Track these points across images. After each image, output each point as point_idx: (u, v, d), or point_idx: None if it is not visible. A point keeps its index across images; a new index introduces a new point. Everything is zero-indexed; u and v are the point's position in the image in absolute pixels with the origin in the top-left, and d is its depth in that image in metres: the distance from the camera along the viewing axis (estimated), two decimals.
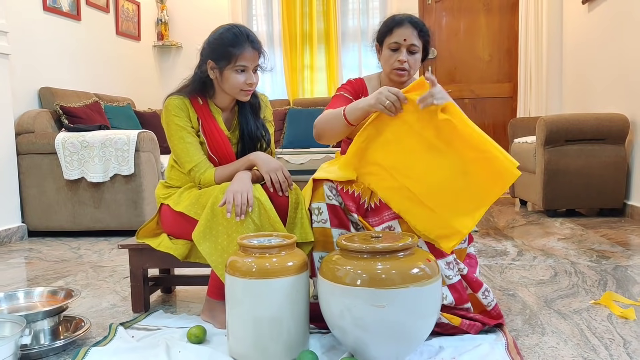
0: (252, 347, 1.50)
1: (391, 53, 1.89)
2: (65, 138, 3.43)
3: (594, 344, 1.57)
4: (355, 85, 2.01)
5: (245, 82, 1.79)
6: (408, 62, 1.88)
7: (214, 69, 1.82)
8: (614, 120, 3.70)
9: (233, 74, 1.79)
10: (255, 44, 1.81)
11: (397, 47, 1.88)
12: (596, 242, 2.99)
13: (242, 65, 1.78)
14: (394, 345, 1.41)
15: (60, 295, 1.80)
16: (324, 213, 1.70)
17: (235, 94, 1.82)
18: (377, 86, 1.98)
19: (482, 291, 1.69)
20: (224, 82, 1.81)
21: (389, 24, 1.91)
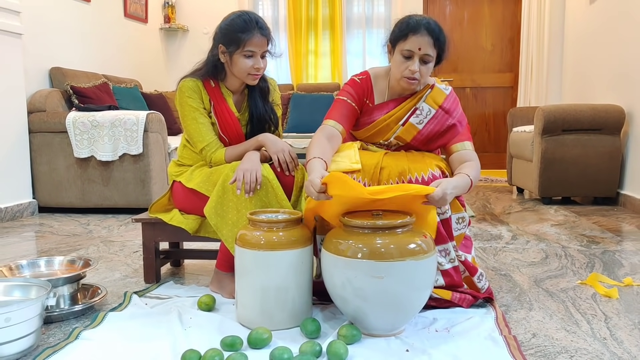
0: (259, 314, 1.61)
1: (403, 60, 1.81)
2: (76, 117, 3.53)
3: (577, 319, 1.69)
4: (359, 87, 1.92)
5: (253, 66, 1.89)
6: (420, 71, 1.79)
7: (224, 53, 1.91)
8: (610, 111, 3.79)
9: (242, 59, 1.88)
10: (264, 31, 1.90)
11: (410, 54, 1.79)
12: (588, 228, 3.10)
13: (250, 51, 1.87)
14: (391, 315, 1.53)
15: (78, 264, 1.91)
16: None
17: (243, 78, 1.92)
18: (384, 88, 1.93)
19: (477, 275, 1.80)
20: (234, 66, 1.91)
21: (403, 29, 1.79)
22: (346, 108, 1.91)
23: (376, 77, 1.95)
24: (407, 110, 1.89)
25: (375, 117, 1.92)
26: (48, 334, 1.59)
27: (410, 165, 1.78)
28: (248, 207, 1.79)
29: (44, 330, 1.60)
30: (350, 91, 1.93)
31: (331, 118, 1.89)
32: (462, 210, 1.80)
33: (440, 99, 1.87)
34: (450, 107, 1.88)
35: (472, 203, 4.04)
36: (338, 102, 1.93)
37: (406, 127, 1.87)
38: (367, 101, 1.94)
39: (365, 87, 1.93)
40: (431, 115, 1.86)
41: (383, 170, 1.78)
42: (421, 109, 1.87)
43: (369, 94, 1.94)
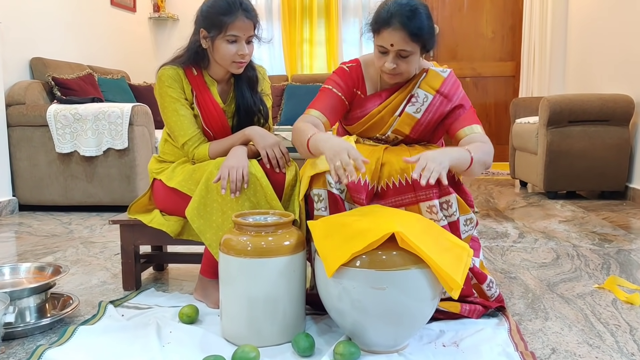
0: (245, 328, 1.44)
1: (380, 55, 1.63)
2: (58, 110, 3.34)
3: (599, 330, 1.52)
4: (348, 77, 1.74)
5: (237, 52, 1.71)
6: (398, 67, 1.61)
7: (206, 38, 1.73)
8: (619, 101, 3.62)
9: (224, 44, 1.70)
10: (249, 13, 1.72)
11: (384, 50, 1.60)
12: (598, 225, 2.94)
13: (233, 35, 1.69)
14: (393, 329, 1.36)
15: (47, 272, 1.74)
16: (324, 200, 1.59)
17: (226, 66, 1.74)
18: (376, 77, 1.75)
19: (486, 283, 1.63)
20: (216, 53, 1.73)
21: (377, 21, 1.59)
22: (332, 98, 1.73)
23: (367, 65, 1.76)
24: (402, 99, 1.71)
25: (369, 109, 1.74)
26: (8, 352, 1.41)
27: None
28: (234, 209, 1.62)
29: (3, 349, 1.42)
30: (338, 81, 1.75)
31: (315, 108, 1.72)
32: (469, 211, 1.63)
33: (437, 83, 1.69)
34: (449, 91, 1.69)
35: (475, 197, 3.87)
36: (323, 91, 1.75)
37: (403, 117, 1.69)
38: (358, 92, 1.76)
39: (355, 76, 1.75)
40: (429, 102, 1.68)
41: (384, 167, 1.61)
42: (417, 96, 1.69)
43: (360, 84, 1.76)
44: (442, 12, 5.54)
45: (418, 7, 1.58)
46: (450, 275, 1.28)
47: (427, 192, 1.55)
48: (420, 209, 1.56)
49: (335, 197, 1.58)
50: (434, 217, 1.55)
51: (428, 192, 1.55)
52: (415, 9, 1.57)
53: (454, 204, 1.58)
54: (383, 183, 1.61)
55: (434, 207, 1.55)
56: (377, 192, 1.62)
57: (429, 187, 1.54)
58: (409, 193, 1.57)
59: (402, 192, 1.58)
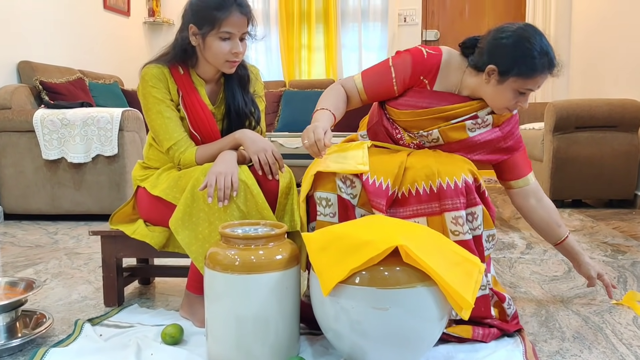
0: (234, 350, 1.31)
1: (516, 95, 1.49)
2: (45, 115, 3.20)
3: (622, 353, 1.39)
4: (420, 64, 1.55)
5: (231, 51, 1.58)
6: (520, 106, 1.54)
7: (196, 35, 1.60)
8: (627, 106, 3.50)
9: (217, 42, 1.57)
10: (244, 8, 1.59)
11: (524, 92, 1.50)
12: (609, 235, 2.80)
13: (227, 32, 1.56)
14: (397, 353, 1.22)
15: (19, 287, 1.60)
16: (333, 205, 1.45)
17: (218, 65, 1.61)
18: (453, 81, 1.56)
19: (507, 301, 1.51)
20: (207, 51, 1.60)
21: (532, 68, 1.46)
22: (384, 81, 1.58)
23: (448, 63, 1.57)
24: (465, 112, 1.55)
25: (432, 104, 1.56)
26: None
27: (440, 168, 1.45)
28: (222, 219, 1.48)
29: None
30: (407, 63, 1.56)
31: (364, 78, 1.62)
32: (492, 227, 1.49)
33: (503, 118, 1.59)
34: (509, 130, 1.60)
35: None
36: (384, 66, 1.59)
37: (458, 126, 1.54)
38: (425, 80, 1.56)
39: (429, 65, 1.55)
40: (486, 129, 1.57)
41: (407, 171, 1.47)
42: (483, 119, 1.56)
43: (432, 74, 1.56)
44: (443, 17, 5.42)
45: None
46: (460, 293, 1.15)
47: (454, 201, 1.41)
48: (445, 220, 1.42)
49: (346, 203, 1.45)
50: (459, 230, 1.41)
51: (455, 201, 1.41)
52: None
53: (479, 216, 1.44)
54: (405, 189, 1.46)
55: (460, 218, 1.41)
56: (396, 199, 1.47)
57: (454, 196, 1.41)
58: (434, 202, 1.44)
59: (426, 201, 1.44)
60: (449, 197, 1.41)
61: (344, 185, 1.46)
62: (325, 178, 1.47)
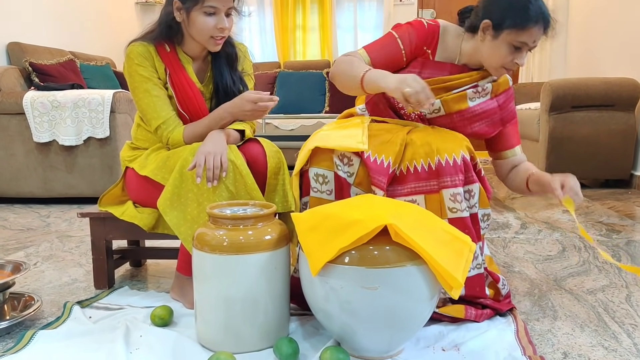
0: (222, 331, 1.29)
1: (511, 50, 1.48)
2: (35, 97, 3.16)
3: (614, 331, 1.38)
4: (424, 33, 1.57)
5: (216, 26, 1.54)
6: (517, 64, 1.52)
7: (180, 10, 1.56)
8: (624, 85, 3.46)
9: (201, 16, 1.53)
10: None
11: (522, 46, 1.48)
12: (604, 214, 2.79)
13: (211, 7, 1.52)
14: (387, 333, 1.21)
15: (7, 270, 1.58)
16: (330, 183, 1.43)
17: (203, 41, 1.57)
18: (453, 49, 1.58)
19: (501, 282, 1.50)
20: (191, 26, 1.56)
21: (524, 17, 1.44)
22: (392, 49, 1.56)
23: (445, 32, 1.59)
24: (466, 82, 1.55)
25: (433, 74, 1.56)
26: None
27: (439, 145, 1.43)
28: (211, 199, 1.46)
29: None
30: (410, 33, 1.56)
31: (367, 50, 1.56)
32: (488, 206, 1.47)
33: (502, 88, 1.59)
34: (504, 102, 1.59)
35: None
36: (388, 37, 1.58)
37: (459, 96, 1.53)
38: (428, 50, 1.58)
39: (431, 35, 1.58)
40: (485, 99, 1.56)
41: (407, 147, 1.45)
42: (483, 87, 1.55)
43: (433, 44, 1.58)
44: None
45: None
46: (450, 272, 1.13)
47: (453, 178, 1.39)
48: (443, 197, 1.40)
49: (342, 181, 1.43)
50: (457, 207, 1.39)
51: (454, 178, 1.39)
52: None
53: (476, 194, 1.43)
54: (404, 166, 1.44)
55: (459, 195, 1.39)
56: (395, 176, 1.45)
57: (453, 174, 1.40)
58: (432, 180, 1.41)
59: (425, 179, 1.42)
60: (448, 174, 1.39)
61: (341, 163, 1.43)
62: (322, 154, 1.44)
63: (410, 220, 1.18)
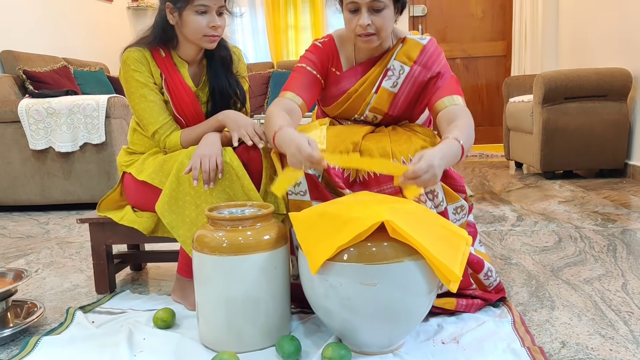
0: (224, 331, 1.31)
1: (350, 16, 1.48)
2: (29, 105, 3.16)
3: (611, 319, 1.40)
4: (322, 53, 1.60)
5: (208, 24, 1.55)
6: (373, 23, 1.45)
7: (172, 12, 1.58)
8: (616, 75, 3.49)
9: (193, 16, 1.54)
10: None
11: (355, 7, 1.45)
12: (599, 204, 2.81)
13: (202, 5, 1.53)
14: (387, 328, 1.23)
15: (8, 277, 1.59)
16: (302, 184, 1.44)
17: (197, 40, 1.58)
18: (351, 52, 1.60)
19: (484, 272, 1.49)
20: (184, 27, 1.57)
21: None
22: (306, 77, 1.58)
23: (342, 40, 1.62)
24: (379, 73, 1.57)
25: (345, 86, 1.60)
26: None
27: (394, 147, 1.46)
28: (209, 202, 1.47)
29: None
30: (311, 57, 1.60)
31: (289, 89, 1.57)
32: (458, 199, 1.48)
33: (415, 53, 1.55)
34: (427, 60, 1.55)
35: (469, 181, 3.74)
36: (297, 70, 1.61)
37: (380, 93, 1.56)
38: (333, 69, 1.62)
39: (330, 52, 1.61)
40: (405, 74, 1.54)
41: (364, 154, 1.46)
42: (393, 69, 1.55)
43: (335, 60, 1.62)
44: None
45: None
46: (448, 266, 1.15)
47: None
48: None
49: (313, 178, 1.44)
50: None
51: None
52: None
53: (439, 193, 1.44)
54: (364, 172, 1.47)
55: (422, 195, 1.41)
56: (359, 181, 1.48)
57: None
58: (391, 182, 1.44)
59: (385, 182, 1.44)
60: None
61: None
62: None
63: (407, 216, 1.20)
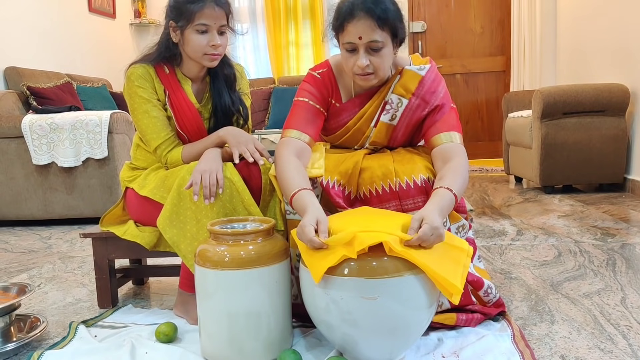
0: (226, 346, 1.32)
1: (348, 55, 1.44)
2: (33, 120, 3.20)
3: (610, 333, 1.41)
4: (322, 85, 1.56)
5: (208, 43, 1.58)
6: (371, 63, 1.42)
7: (175, 31, 1.61)
8: (614, 90, 3.52)
9: (194, 35, 1.58)
10: (220, 0, 1.59)
11: (353, 47, 1.42)
12: (598, 218, 2.83)
13: (203, 24, 1.57)
14: (388, 342, 1.24)
15: (12, 292, 1.60)
16: None
17: (198, 59, 1.61)
18: (349, 82, 1.57)
19: (483, 290, 1.50)
20: (186, 45, 1.60)
21: (339, 16, 1.42)
22: (308, 111, 1.54)
23: (339, 70, 1.57)
24: (377, 106, 1.53)
25: (344, 119, 1.57)
26: None
27: (397, 167, 1.45)
28: (209, 216, 1.49)
29: None
30: (311, 90, 1.56)
31: (293, 127, 1.52)
32: (460, 218, 1.49)
33: (413, 85, 1.51)
34: (426, 92, 1.51)
35: (469, 196, 3.76)
36: (298, 105, 1.56)
37: (379, 127, 1.53)
38: (332, 100, 1.58)
39: (328, 83, 1.57)
40: (403, 107, 1.51)
41: (364, 172, 1.47)
42: (391, 102, 1.51)
43: (334, 91, 1.58)
44: (429, 8, 5.43)
45: None
46: (449, 280, 1.16)
47: (415, 200, 1.42)
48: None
49: None
50: None
51: (416, 199, 1.42)
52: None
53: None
54: (366, 190, 1.47)
55: None
56: (360, 199, 1.49)
57: (415, 195, 1.42)
58: (393, 200, 1.44)
59: (386, 200, 1.45)
60: (410, 196, 1.41)
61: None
62: None
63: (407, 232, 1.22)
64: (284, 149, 1.49)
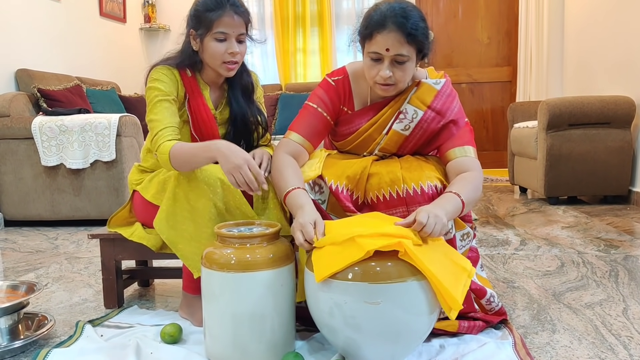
0: (230, 347, 1.34)
1: (372, 63, 1.46)
2: (43, 122, 3.24)
3: (610, 343, 1.42)
4: (335, 93, 1.57)
5: (226, 51, 1.60)
6: (394, 75, 1.44)
7: (195, 39, 1.63)
8: (620, 103, 3.53)
9: (212, 42, 1.60)
10: (239, 9, 1.61)
11: (378, 57, 1.44)
12: (602, 230, 2.83)
13: (221, 32, 1.58)
14: (390, 346, 1.26)
15: (21, 290, 1.63)
16: None
17: (216, 67, 1.63)
18: (365, 91, 1.59)
19: (486, 298, 1.52)
20: (205, 53, 1.62)
21: (369, 25, 1.44)
22: (315, 118, 1.58)
23: (356, 77, 1.59)
24: (391, 115, 1.55)
25: (356, 126, 1.59)
26: None
27: (405, 174, 1.47)
28: (203, 216, 1.50)
29: None
30: (323, 97, 1.58)
31: (296, 131, 1.57)
32: (465, 226, 1.51)
33: (429, 98, 1.52)
34: (442, 106, 1.53)
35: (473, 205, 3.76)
36: (307, 110, 1.58)
37: (390, 135, 1.54)
38: (344, 108, 1.60)
39: (342, 92, 1.59)
40: (418, 119, 1.52)
41: (371, 178, 1.49)
42: (405, 112, 1.53)
43: (347, 99, 1.59)
44: (437, 18, 5.47)
45: (412, 8, 1.46)
46: (451, 293, 1.17)
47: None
48: None
49: (318, 206, 1.47)
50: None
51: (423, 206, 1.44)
52: (410, 10, 1.44)
53: (450, 222, 1.45)
54: (373, 195, 1.49)
55: None
56: (367, 204, 1.51)
57: (422, 202, 1.43)
58: (400, 207, 1.46)
59: (393, 206, 1.47)
60: (417, 202, 1.43)
61: (312, 190, 1.49)
62: None
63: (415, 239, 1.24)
64: (281, 149, 1.55)
